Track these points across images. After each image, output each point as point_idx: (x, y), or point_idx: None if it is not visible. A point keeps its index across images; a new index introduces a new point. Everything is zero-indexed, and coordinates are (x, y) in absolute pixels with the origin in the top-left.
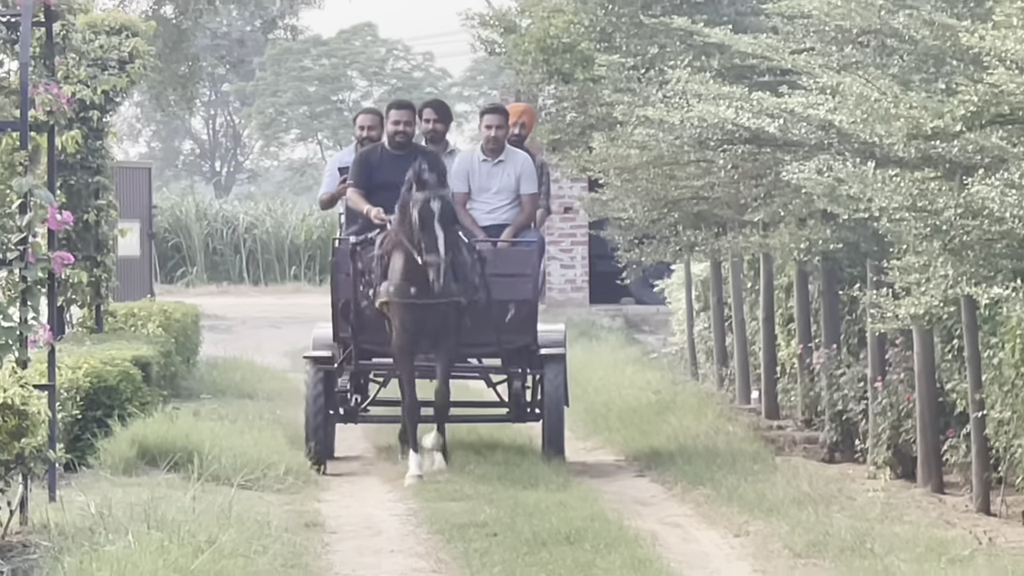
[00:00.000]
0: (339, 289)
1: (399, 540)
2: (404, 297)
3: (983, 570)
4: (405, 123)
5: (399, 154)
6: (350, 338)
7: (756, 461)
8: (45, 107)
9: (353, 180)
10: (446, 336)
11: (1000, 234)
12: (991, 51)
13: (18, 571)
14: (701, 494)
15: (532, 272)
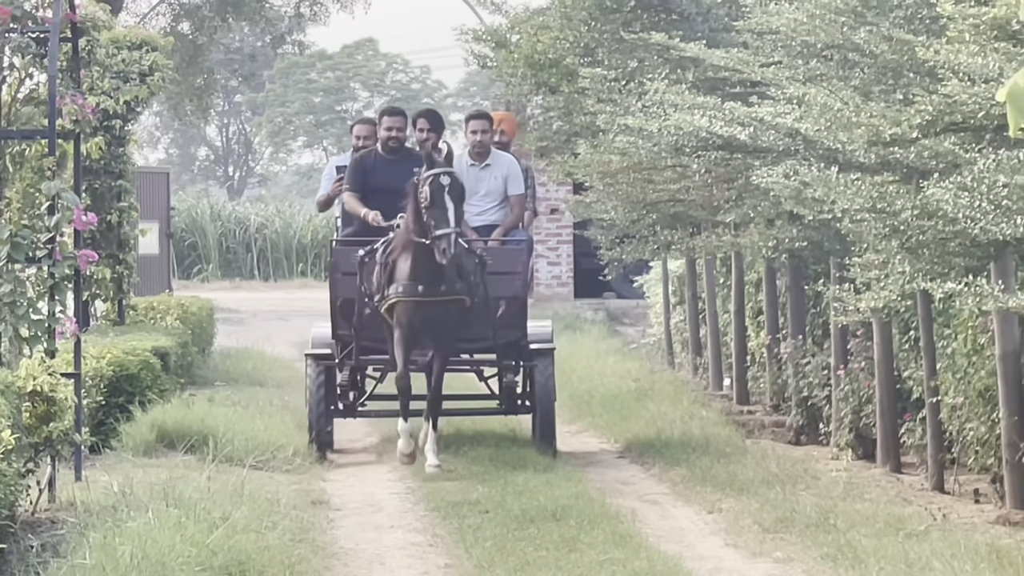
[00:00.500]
0: (337, 288)
1: (398, 516)
2: (412, 295)
3: (938, 544)
4: (397, 129)
5: (392, 159)
6: (349, 336)
7: (728, 444)
8: (72, 116)
9: (349, 184)
10: (447, 334)
11: (953, 234)
12: (945, 64)
13: (47, 545)
14: (677, 474)
15: (522, 270)
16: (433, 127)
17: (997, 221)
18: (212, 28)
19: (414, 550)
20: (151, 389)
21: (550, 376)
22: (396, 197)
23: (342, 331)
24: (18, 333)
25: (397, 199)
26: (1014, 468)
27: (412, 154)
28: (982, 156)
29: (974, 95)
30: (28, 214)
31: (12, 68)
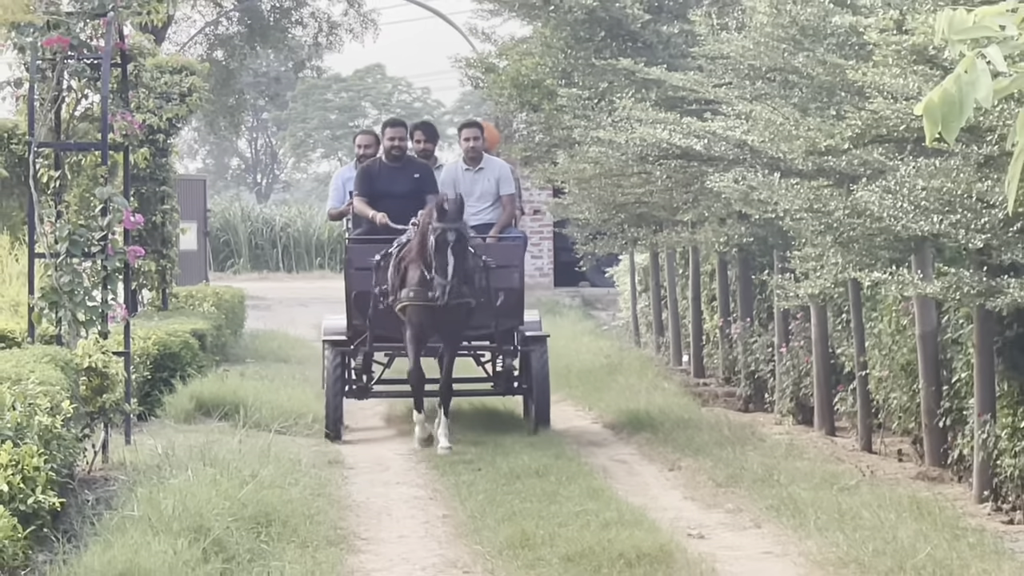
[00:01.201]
0: (352, 282)
1: (403, 474)
2: (422, 300)
3: (867, 496)
4: (399, 139)
5: (395, 166)
6: (363, 325)
7: (686, 411)
8: (121, 131)
9: (357, 190)
10: (455, 331)
11: (879, 230)
12: (872, 85)
13: (100, 499)
14: (643, 437)
15: (519, 264)
16: (429, 138)
17: (916, 219)
18: (242, 55)
19: (416, 502)
20: (190, 365)
21: (545, 362)
22: (398, 200)
23: (356, 321)
24: (76, 317)
25: (399, 202)
26: (931, 431)
27: (413, 162)
28: (904, 164)
29: (897, 111)
30: (84, 215)
31: (70, 90)
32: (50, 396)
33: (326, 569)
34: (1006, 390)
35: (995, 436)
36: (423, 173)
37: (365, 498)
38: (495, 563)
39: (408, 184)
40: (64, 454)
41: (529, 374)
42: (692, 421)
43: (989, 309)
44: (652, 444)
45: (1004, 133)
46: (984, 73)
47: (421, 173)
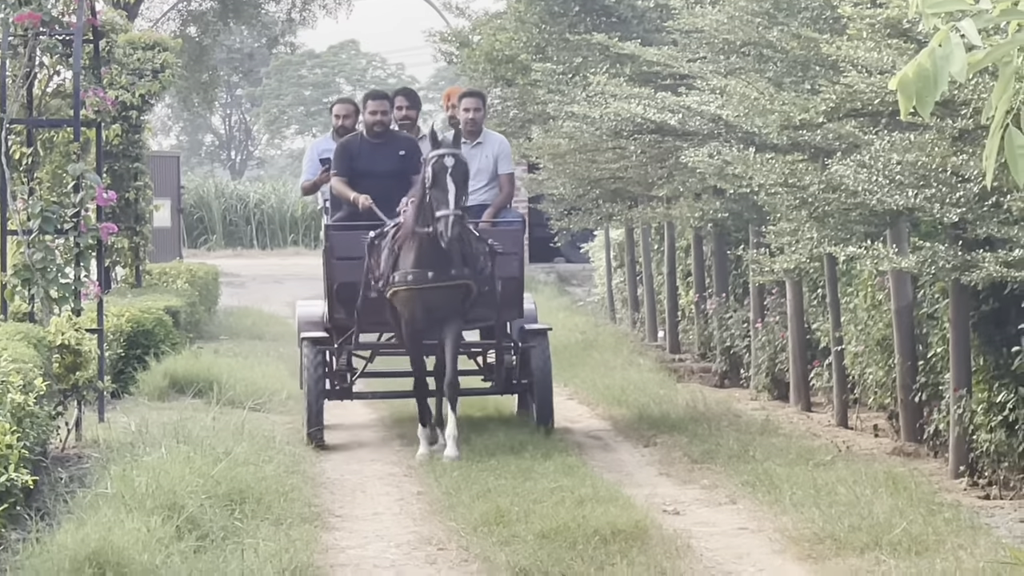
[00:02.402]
0: (334, 272)
1: (378, 451)
2: (419, 282)
3: (842, 472)
4: (382, 112)
5: (377, 142)
6: (347, 321)
7: (661, 387)
8: (94, 108)
9: (336, 169)
10: (455, 319)
11: (854, 205)
12: (846, 59)
13: (74, 477)
14: (618, 413)
15: (519, 251)
16: (412, 104)
17: (891, 193)
18: (215, 31)
19: (391, 479)
20: (164, 342)
21: (547, 358)
22: (382, 180)
23: (339, 315)
24: (48, 294)
25: (383, 182)
26: (907, 407)
27: (397, 137)
28: (878, 138)
29: (871, 85)
30: (56, 192)
31: (42, 66)
32: (23, 374)
33: (300, 546)
34: (982, 365)
35: (971, 411)
36: (409, 149)
37: (340, 475)
38: (470, 540)
39: (393, 162)
40: (37, 432)
41: (530, 371)
42: (667, 397)
43: (964, 284)
44: (627, 420)
45: (979, 107)
46: (958, 47)
47: (407, 149)
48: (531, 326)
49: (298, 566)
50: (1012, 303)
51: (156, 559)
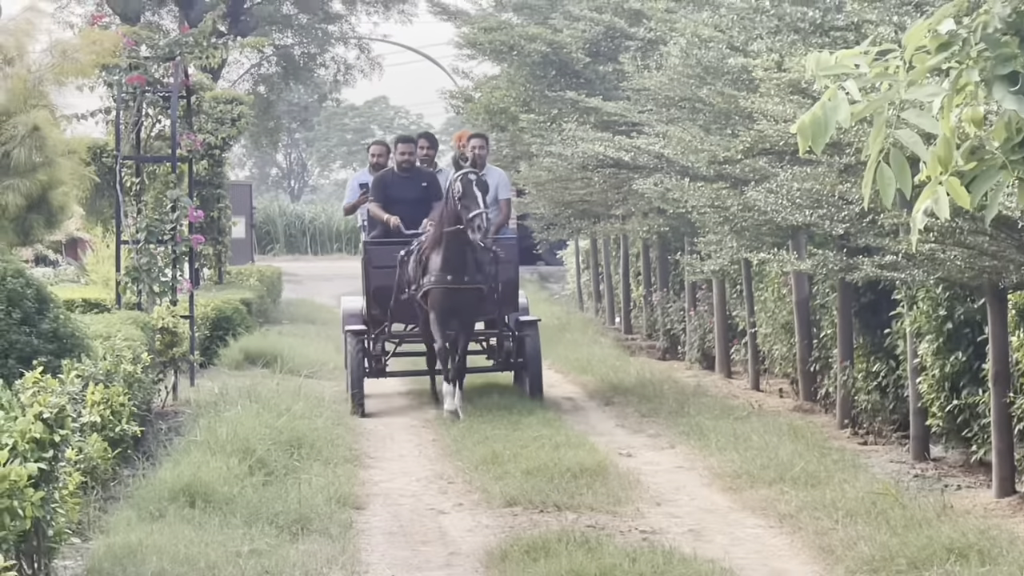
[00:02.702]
0: (371, 279)
1: (403, 409)
2: (443, 284)
3: (755, 424)
4: (409, 153)
5: (405, 176)
6: (382, 316)
7: (618, 360)
8: (187, 148)
9: (373, 197)
10: (470, 317)
11: (764, 221)
12: (758, 110)
13: (171, 428)
14: (585, 379)
15: (514, 259)
16: (431, 145)
17: (792, 213)
18: (279, 89)
19: (412, 430)
20: (240, 326)
21: (537, 342)
22: (409, 206)
23: (375, 311)
24: (152, 289)
25: (410, 207)
26: (805, 375)
27: (420, 172)
28: (783, 170)
29: (777, 130)
30: (158, 212)
31: (147, 116)
32: (132, 349)
33: (343, 480)
34: (861, 343)
35: (853, 378)
36: (430, 182)
37: (373, 427)
38: (472, 475)
39: (417, 191)
40: (143, 394)
41: (523, 352)
42: (622, 368)
43: (848, 281)
44: (592, 385)
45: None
46: (843, 101)
47: (428, 182)
48: (525, 318)
49: (342, 495)
50: (884, 296)
51: (234, 490)
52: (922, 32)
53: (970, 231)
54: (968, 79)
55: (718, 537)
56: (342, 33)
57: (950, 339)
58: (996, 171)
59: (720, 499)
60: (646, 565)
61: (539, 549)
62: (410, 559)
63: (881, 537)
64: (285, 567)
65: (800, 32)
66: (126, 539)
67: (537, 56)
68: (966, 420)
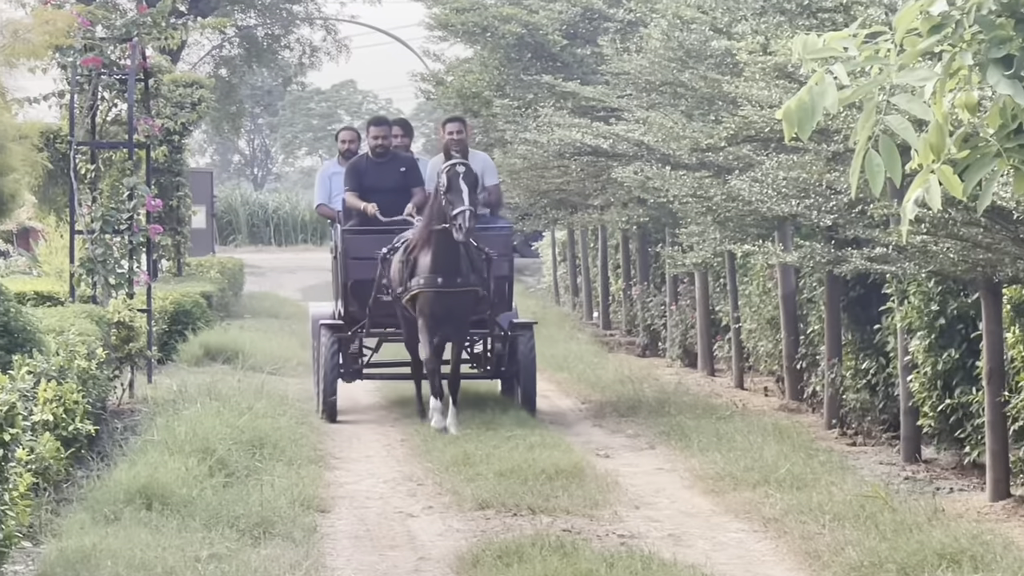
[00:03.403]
0: (349, 271)
1: (369, 408)
2: (433, 287)
3: (739, 424)
4: (383, 136)
5: (380, 162)
6: (360, 313)
7: (595, 356)
8: (144, 133)
9: (347, 185)
10: (463, 322)
11: (749, 212)
12: (743, 95)
13: (127, 427)
14: (561, 376)
15: (508, 253)
16: (406, 133)
17: (778, 203)
18: (242, 72)
19: (380, 429)
20: (200, 320)
21: (532, 347)
22: (387, 194)
23: (352, 308)
24: (108, 282)
25: (387, 195)
26: (791, 373)
27: (398, 157)
28: (768, 158)
29: (762, 116)
30: (114, 200)
31: (103, 100)
32: (87, 344)
33: (308, 482)
34: (850, 339)
35: (841, 376)
36: (408, 167)
37: (339, 426)
38: (443, 477)
39: (395, 179)
40: (98, 391)
41: (515, 359)
42: (600, 364)
43: (836, 274)
44: (568, 382)
45: (847, 134)
46: (831, 86)
47: (407, 167)
48: (518, 319)
49: (306, 498)
50: (874, 290)
51: (192, 492)
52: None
53: (963, 222)
54: (961, 63)
55: (699, 542)
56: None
57: (942, 335)
58: (990, 159)
59: (702, 502)
60: (624, 571)
61: (512, 554)
62: (377, 564)
63: (870, 542)
64: (246, 572)
65: (786, 13)
66: (79, 543)
67: (512, 38)
68: (959, 420)
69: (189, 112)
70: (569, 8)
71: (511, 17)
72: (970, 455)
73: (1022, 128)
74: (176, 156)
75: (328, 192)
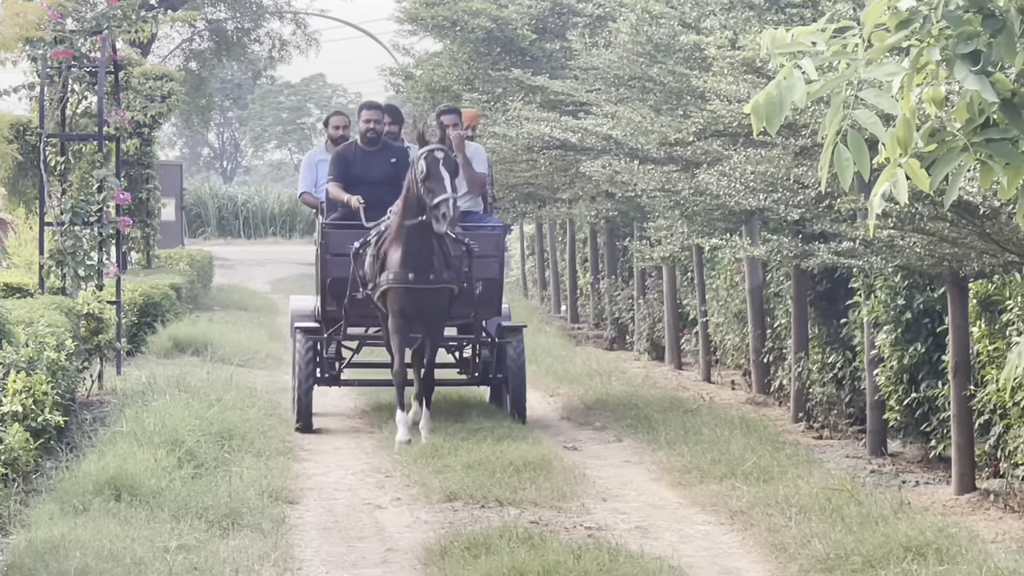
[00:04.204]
0: (328, 268)
1: (339, 400)
2: (403, 283)
3: (706, 417)
4: (375, 121)
5: (370, 150)
6: (338, 313)
7: (563, 349)
8: (114, 125)
9: (332, 174)
10: (438, 321)
11: (717, 206)
12: (711, 90)
13: (96, 418)
14: (528, 369)
15: (499, 254)
16: (395, 120)
17: (746, 197)
18: (211, 66)
19: (349, 422)
20: (169, 312)
21: (521, 352)
22: (375, 187)
23: (331, 307)
24: (77, 273)
25: (376, 188)
26: (757, 366)
27: (389, 146)
28: (736, 153)
29: (730, 111)
30: (84, 193)
31: (73, 92)
32: (56, 336)
33: (276, 473)
34: (816, 333)
35: (808, 370)
36: (400, 157)
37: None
38: (410, 469)
39: (384, 169)
40: (67, 382)
41: (504, 364)
42: (568, 357)
43: (803, 269)
44: (535, 375)
45: (815, 128)
46: (799, 80)
47: (398, 157)
48: (507, 323)
49: (275, 489)
50: (841, 284)
51: (161, 483)
52: (881, 9)
53: (930, 216)
54: (929, 58)
55: (666, 534)
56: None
57: (909, 329)
58: (957, 154)
59: (669, 495)
60: (591, 563)
61: (480, 546)
62: (345, 555)
63: (836, 535)
64: (215, 563)
65: (755, 8)
66: (48, 533)
67: (481, 32)
68: (924, 414)
69: (159, 105)
70: (538, 3)
71: (480, 11)
72: (936, 448)
73: (989, 123)
74: (146, 149)
75: (314, 179)
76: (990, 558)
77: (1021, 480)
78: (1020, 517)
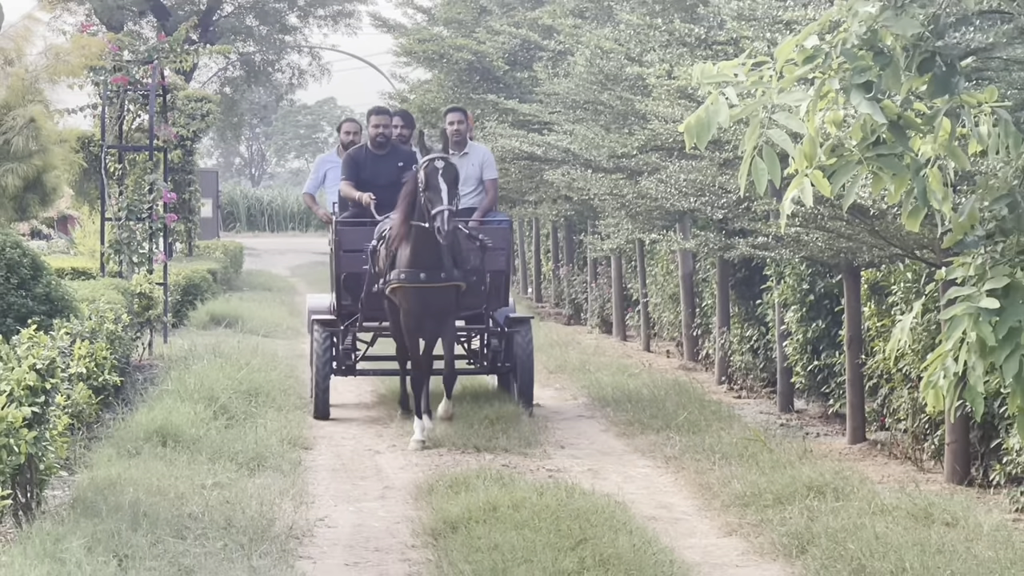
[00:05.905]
0: (341, 264)
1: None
2: (413, 281)
3: (645, 379)
4: (384, 126)
5: (380, 154)
6: (353, 306)
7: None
8: (162, 138)
9: (344, 175)
10: (449, 317)
11: (656, 207)
12: (651, 112)
13: (147, 379)
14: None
15: (505, 247)
16: (407, 124)
17: (679, 200)
18: (242, 90)
19: (354, 383)
20: (207, 292)
21: (529, 341)
22: (383, 190)
23: (346, 301)
24: (131, 260)
25: (384, 191)
26: (688, 339)
27: (398, 150)
28: (672, 164)
29: (667, 129)
30: (137, 193)
31: (129, 111)
32: (114, 311)
33: (294, 424)
34: (736, 312)
35: (729, 342)
36: (407, 161)
37: None
38: (404, 419)
39: (393, 174)
40: (123, 349)
41: (512, 354)
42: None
43: (726, 259)
44: None
45: (736, 144)
46: (724, 105)
47: (405, 161)
48: (515, 314)
49: (292, 437)
50: (756, 272)
51: (200, 432)
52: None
53: (830, 217)
54: (830, 87)
55: (613, 475)
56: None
57: (812, 309)
58: (853, 166)
59: (615, 443)
60: (551, 498)
61: (460, 484)
62: (350, 491)
63: (751, 476)
64: (243, 497)
65: (688, 45)
66: (107, 473)
67: (463, 63)
68: (824, 378)
69: (199, 122)
70: (510, 39)
71: (463, 47)
72: (833, 407)
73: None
74: (188, 158)
75: (318, 182)
76: (877, 496)
77: (903, 432)
78: (901, 463)
